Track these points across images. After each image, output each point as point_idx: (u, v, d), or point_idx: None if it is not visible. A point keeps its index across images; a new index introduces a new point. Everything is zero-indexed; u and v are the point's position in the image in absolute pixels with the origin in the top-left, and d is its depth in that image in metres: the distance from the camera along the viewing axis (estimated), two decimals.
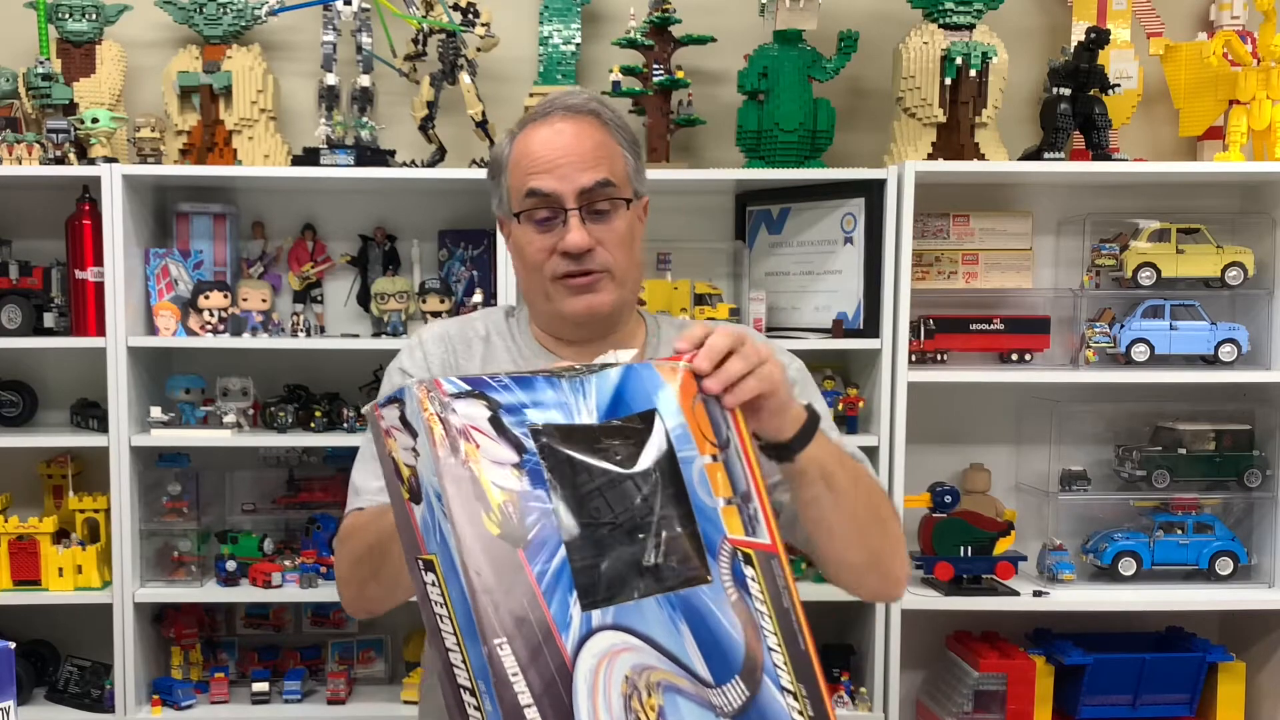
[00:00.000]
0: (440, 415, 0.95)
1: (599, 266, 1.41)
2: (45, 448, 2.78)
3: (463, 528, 0.91)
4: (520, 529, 0.93)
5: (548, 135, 1.41)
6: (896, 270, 2.58)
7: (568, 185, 1.39)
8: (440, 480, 0.92)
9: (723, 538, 1.02)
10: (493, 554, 0.91)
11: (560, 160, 1.40)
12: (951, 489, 2.74)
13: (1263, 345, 2.75)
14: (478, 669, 0.91)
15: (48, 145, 2.60)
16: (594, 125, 1.43)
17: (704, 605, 1.00)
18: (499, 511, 0.92)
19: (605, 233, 1.41)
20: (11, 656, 1.43)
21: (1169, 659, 2.73)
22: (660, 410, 1.05)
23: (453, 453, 0.93)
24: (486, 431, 0.96)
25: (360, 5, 2.63)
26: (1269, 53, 2.65)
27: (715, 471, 1.04)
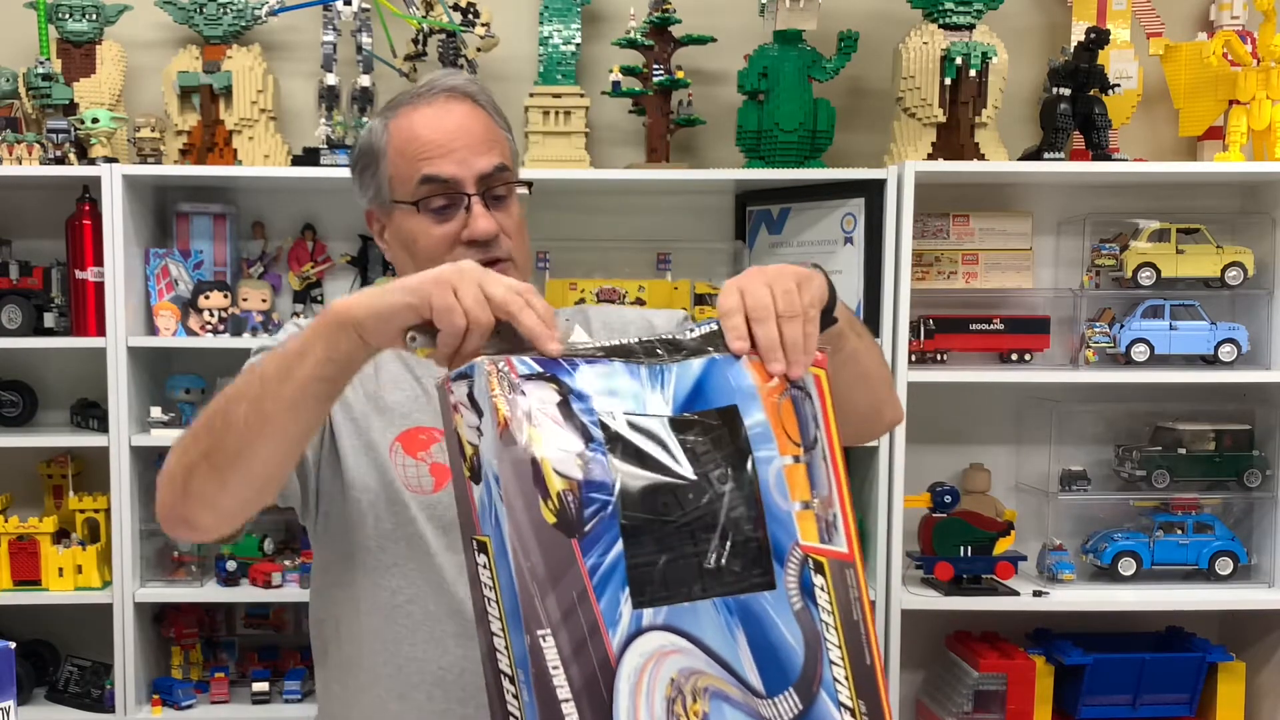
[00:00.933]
0: (507, 396, 0.92)
1: (504, 254, 1.33)
2: (45, 448, 2.78)
3: (518, 513, 0.89)
4: (577, 519, 0.90)
5: (434, 117, 1.33)
6: (896, 270, 2.58)
7: (466, 170, 1.31)
8: (498, 463, 0.90)
9: (794, 543, 0.98)
10: (545, 543, 0.89)
11: (454, 144, 1.31)
12: (951, 489, 2.74)
13: (1262, 345, 2.75)
14: (519, 658, 0.89)
15: (48, 145, 2.60)
16: (477, 108, 1.36)
17: (764, 612, 0.96)
18: (557, 499, 0.90)
19: (505, 219, 1.34)
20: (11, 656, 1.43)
21: (1169, 659, 2.73)
22: (741, 407, 0.99)
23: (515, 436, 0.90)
24: (554, 416, 0.93)
25: (360, 5, 2.63)
26: (1269, 53, 2.65)
27: (795, 473, 1.00)
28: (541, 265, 2.72)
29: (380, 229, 1.42)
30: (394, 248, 1.40)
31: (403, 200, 1.33)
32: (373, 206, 1.41)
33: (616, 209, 2.84)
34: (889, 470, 2.61)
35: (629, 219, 2.84)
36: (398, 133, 1.34)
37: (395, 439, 1.37)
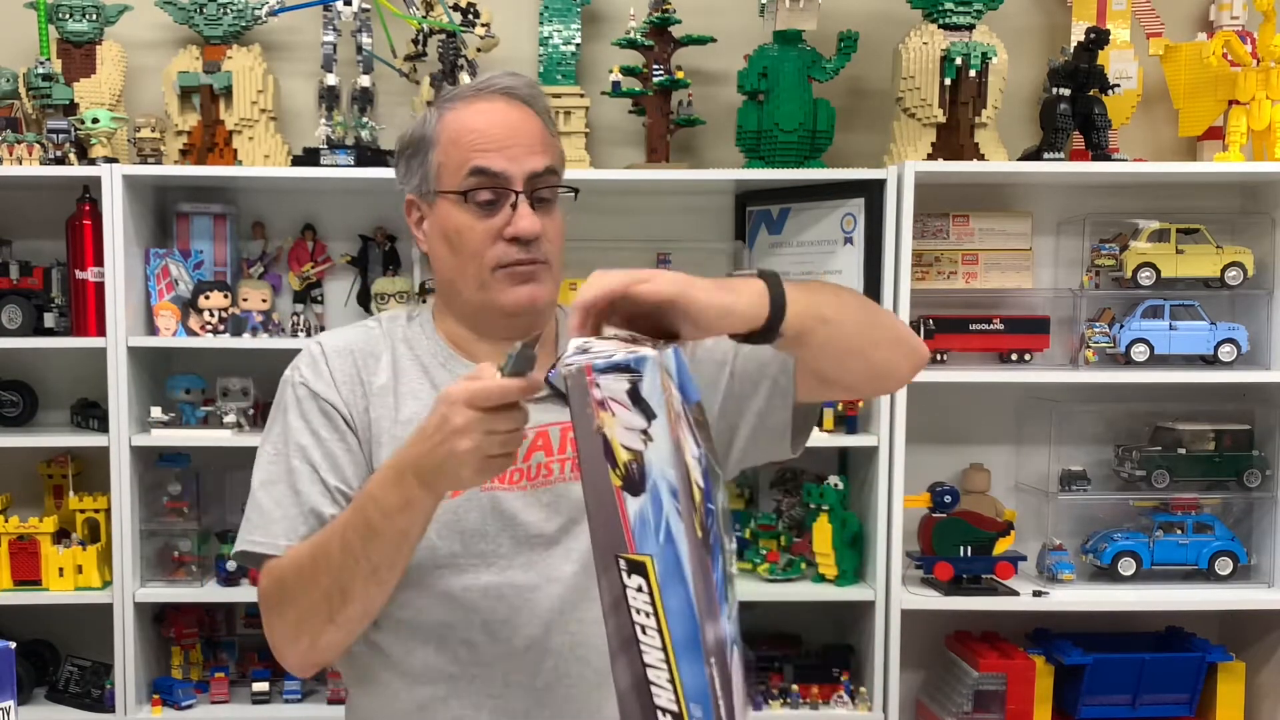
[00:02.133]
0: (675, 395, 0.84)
1: (543, 256, 1.34)
2: (45, 448, 2.78)
3: (686, 528, 0.82)
4: (708, 531, 0.85)
5: (491, 111, 1.32)
6: (896, 270, 2.58)
7: (517, 167, 1.30)
8: (676, 474, 0.82)
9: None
10: (699, 560, 0.83)
11: (509, 140, 1.31)
12: (951, 489, 2.75)
13: (1262, 345, 2.75)
14: (694, 690, 0.82)
15: (48, 145, 2.60)
16: (533, 113, 1.36)
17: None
18: (700, 510, 0.84)
19: (547, 223, 1.34)
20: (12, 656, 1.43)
21: (1169, 659, 2.73)
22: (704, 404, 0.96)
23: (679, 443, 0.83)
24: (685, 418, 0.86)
25: (360, 5, 2.63)
26: (1269, 53, 2.65)
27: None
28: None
29: (419, 219, 1.40)
30: (433, 239, 1.38)
31: (449, 190, 1.32)
32: (414, 195, 1.40)
33: (616, 209, 2.84)
34: (889, 470, 2.61)
35: (629, 219, 2.84)
36: (452, 122, 1.33)
37: None
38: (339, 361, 1.38)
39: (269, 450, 1.37)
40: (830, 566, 2.68)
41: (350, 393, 1.36)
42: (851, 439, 2.69)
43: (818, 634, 2.89)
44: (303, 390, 1.37)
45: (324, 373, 1.37)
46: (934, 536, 2.70)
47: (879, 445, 2.62)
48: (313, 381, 1.36)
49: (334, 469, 1.33)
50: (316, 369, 1.37)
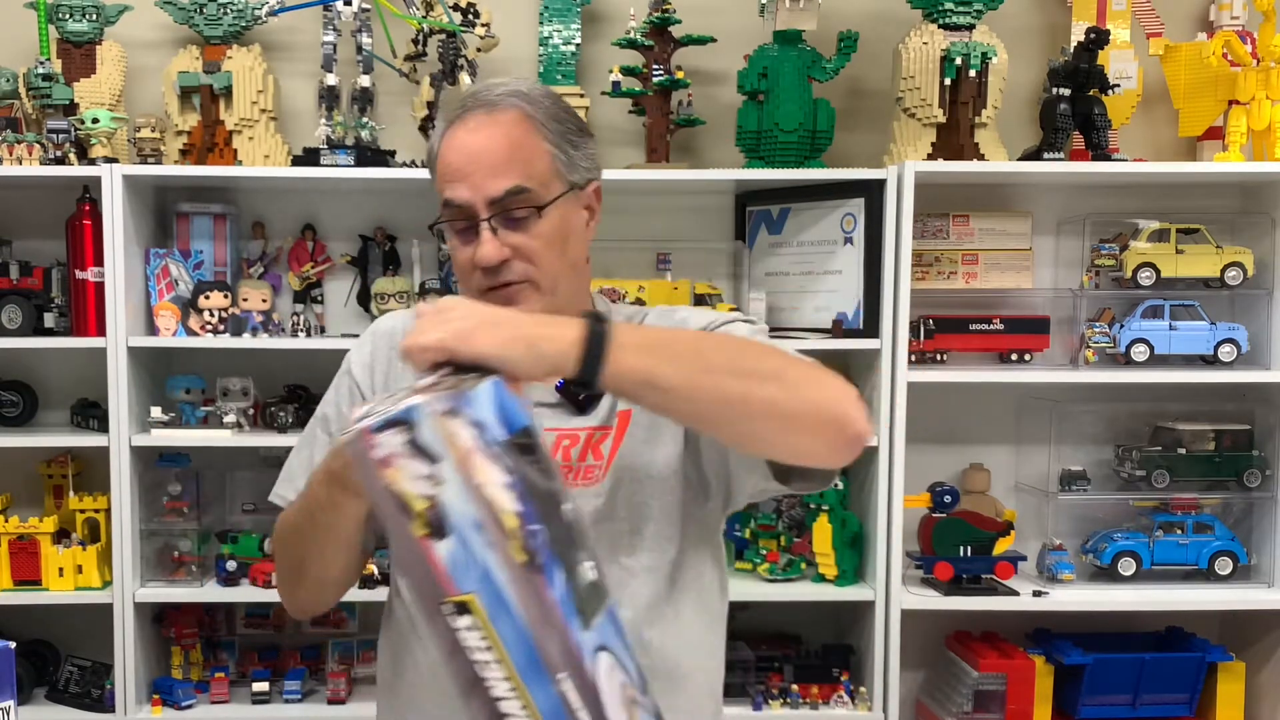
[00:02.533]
0: (457, 438, 0.86)
1: (517, 278, 1.30)
2: (45, 448, 2.78)
3: (501, 558, 0.84)
4: (533, 553, 0.85)
5: (462, 138, 1.31)
6: (896, 270, 2.59)
7: (478, 195, 1.28)
8: (477, 507, 0.84)
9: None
10: (525, 583, 0.84)
11: (470, 167, 1.29)
12: (951, 489, 2.75)
13: (1262, 345, 2.75)
14: (549, 711, 0.83)
15: (48, 145, 2.60)
16: (513, 120, 1.30)
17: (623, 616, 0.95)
18: (516, 536, 0.85)
19: (523, 241, 1.29)
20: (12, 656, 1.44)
21: (1169, 659, 2.73)
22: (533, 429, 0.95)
23: (474, 477, 0.84)
24: (483, 452, 0.87)
25: (360, 5, 2.63)
26: (1269, 53, 2.65)
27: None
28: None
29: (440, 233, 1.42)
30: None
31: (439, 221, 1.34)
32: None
33: (616, 209, 2.81)
34: (889, 470, 2.61)
35: (629, 219, 2.84)
36: (440, 150, 1.34)
37: None
38: (381, 341, 1.45)
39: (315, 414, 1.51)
40: (830, 566, 2.68)
41: (382, 373, 1.44)
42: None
43: (818, 634, 2.89)
44: (345, 364, 1.47)
45: (364, 352, 1.46)
46: (934, 536, 2.70)
47: (879, 445, 2.62)
48: (353, 357, 1.47)
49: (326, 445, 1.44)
50: (360, 347, 1.47)
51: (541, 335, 1.04)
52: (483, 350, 1.00)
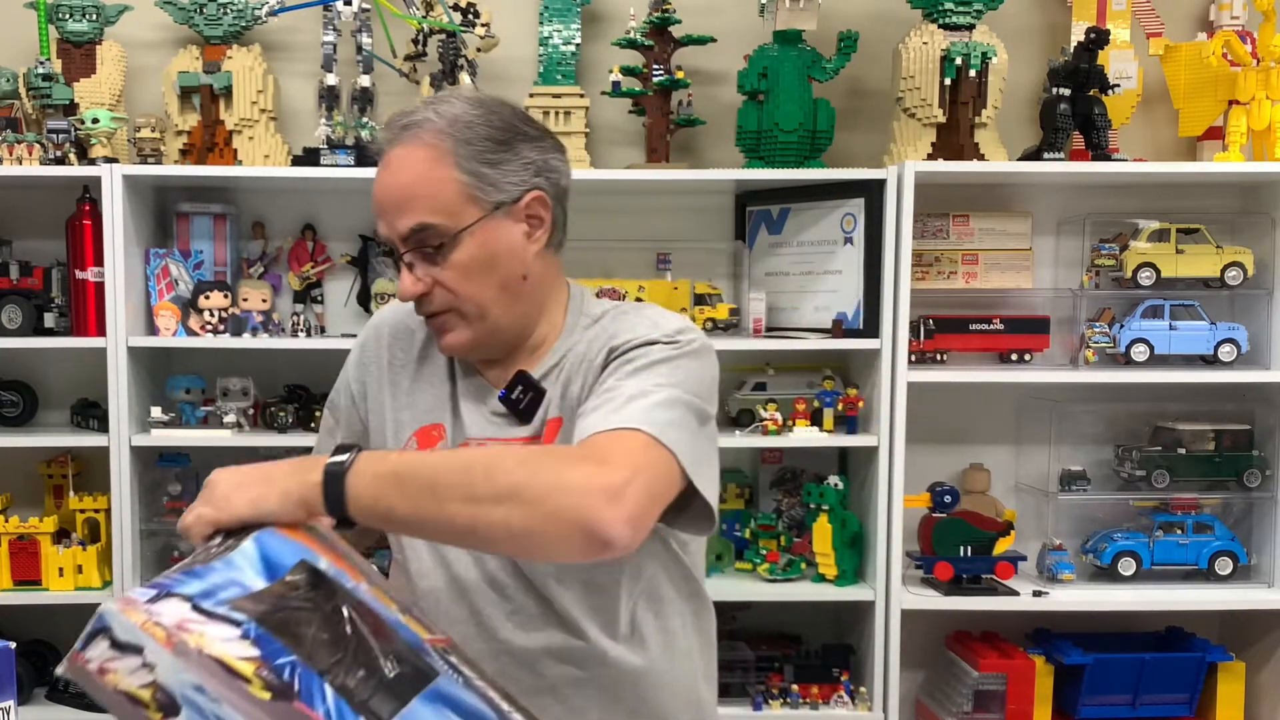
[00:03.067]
0: (154, 621, 0.95)
1: (439, 308, 1.33)
2: (46, 448, 2.78)
3: (239, 704, 0.92)
4: (284, 684, 0.94)
5: (379, 175, 1.34)
6: (896, 270, 2.59)
7: (393, 232, 1.31)
8: (191, 673, 0.92)
9: (421, 639, 1.04)
10: (281, 713, 0.92)
11: (384, 204, 1.32)
12: (951, 489, 2.75)
13: (1262, 345, 2.75)
14: None
15: (48, 145, 2.60)
16: (419, 155, 1.29)
17: (451, 692, 1.01)
18: (257, 677, 0.93)
19: (439, 272, 1.31)
20: (12, 656, 1.44)
21: (1169, 659, 2.73)
22: (307, 558, 1.07)
23: (186, 646, 0.93)
24: (197, 620, 0.96)
25: (360, 5, 2.63)
26: (1268, 53, 2.65)
27: (377, 592, 1.06)
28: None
29: None
30: None
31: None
32: None
33: (616, 209, 2.84)
34: (889, 470, 2.61)
35: (629, 219, 2.84)
36: None
37: (414, 433, 1.43)
38: (370, 335, 1.51)
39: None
40: (830, 566, 2.68)
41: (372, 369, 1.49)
42: (851, 439, 2.69)
43: (818, 634, 2.89)
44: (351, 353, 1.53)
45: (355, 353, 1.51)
46: (934, 536, 2.70)
47: (879, 445, 2.62)
48: (351, 355, 1.52)
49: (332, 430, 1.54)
50: (356, 346, 1.52)
51: (289, 484, 1.12)
52: (240, 513, 1.11)
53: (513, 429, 1.38)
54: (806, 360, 2.78)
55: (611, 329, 1.38)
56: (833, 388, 2.72)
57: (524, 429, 1.37)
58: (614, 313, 1.42)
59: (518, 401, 1.37)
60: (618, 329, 1.37)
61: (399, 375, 1.46)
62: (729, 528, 2.80)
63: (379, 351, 1.48)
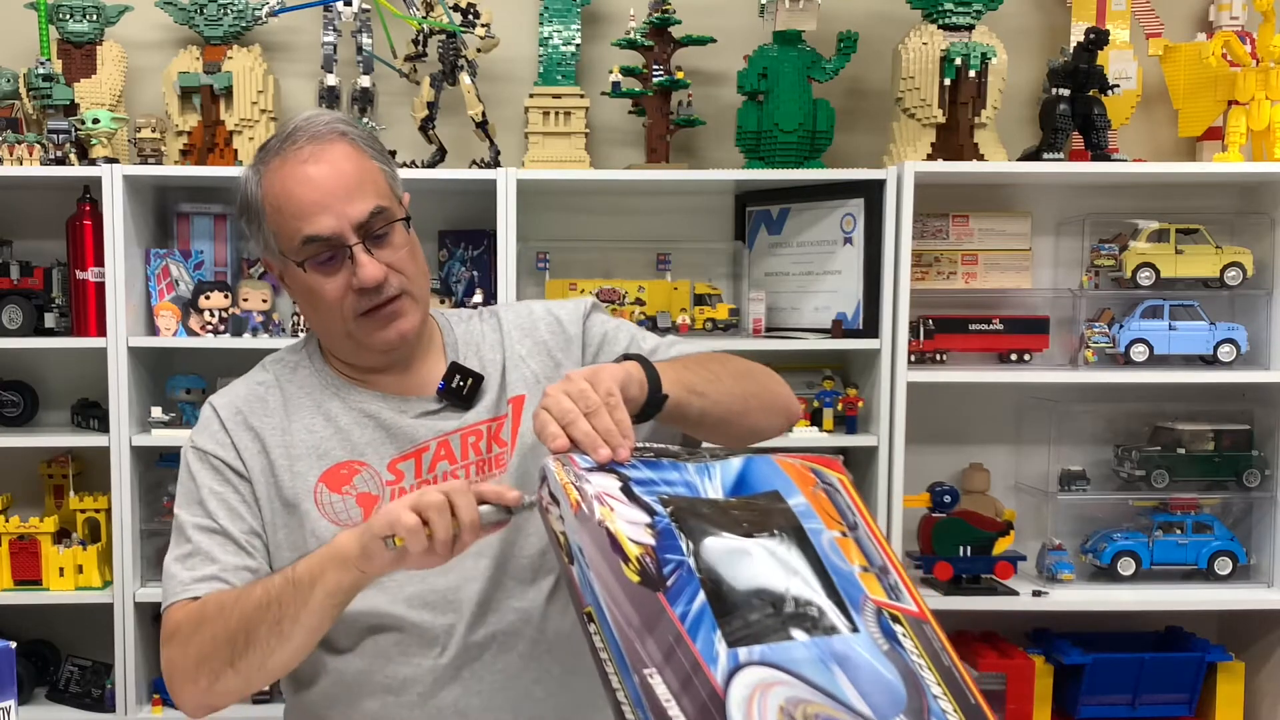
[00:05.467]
0: (575, 484, 1.06)
1: (397, 291, 1.35)
2: (46, 447, 2.78)
3: (605, 577, 1.00)
4: (658, 576, 0.99)
5: (303, 174, 1.32)
6: (896, 270, 2.59)
7: (344, 222, 1.31)
8: (579, 538, 1.03)
9: (863, 596, 1.05)
10: (635, 599, 0.98)
11: (326, 199, 1.31)
12: (951, 489, 2.75)
13: (1262, 345, 2.75)
14: (635, 698, 0.95)
15: (48, 146, 2.60)
16: (344, 148, 1.35)
17: (854, 652, 1.00)
18: (637, 562, 1.00)
19: (391, 255, 1.35)
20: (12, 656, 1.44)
21: (1168, 659, 2.73)
22: (782, 491, 1.11)
23: (590, 513, 1.03)
24: (618, 497, 1.05)
25: (360, 6, 2.63)
26: (1268, 53, 2.66)
27: (846, 544, 1.08)
28: (541, 266, 2.73)
29: (279, 274, 1.42)
30: (294, 293, 1.43)
31: (292, 259, 1.34)
32: (266, 256, 1.42)
33: (616, 209, 2.85)
34: (888, 470, 2.61)
35: (629, 219, 2.85)
36: (270, 189, 1.34)
37: (318, 480, 1.39)
38: (228, 413, 1.42)
39: (176, 519, 1.42)
40: None
41: (241, 442, 1.40)
42: (851, 439, 2.70)
43: None
44: (194, 453, 1.41)
45: (221, 439, 1.40)
46: (934, 536, 2.70)
47: (879, 445, 2.62)
48: (209, 446, 1.41)
49: (230, 516, 1.38)
50: (213, 435, 1.41)
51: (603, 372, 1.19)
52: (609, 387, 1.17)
53: (464, 415, 1.40)
54: (806, 360, 2.78)
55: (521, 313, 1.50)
56: (832, 388, 2.72)
57: (472, 413, 1.40)
58: (485, 310, 1.53)
59: (459, 389, 1.40)
60: (529, 309, 1.51)
61: (270, 442, 1.40)
62: None
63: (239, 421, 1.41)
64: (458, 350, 1.46)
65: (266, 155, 1.36)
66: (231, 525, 1.37)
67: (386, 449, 1.39)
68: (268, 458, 1.40)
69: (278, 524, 1.39)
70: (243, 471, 1.39)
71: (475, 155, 2.73)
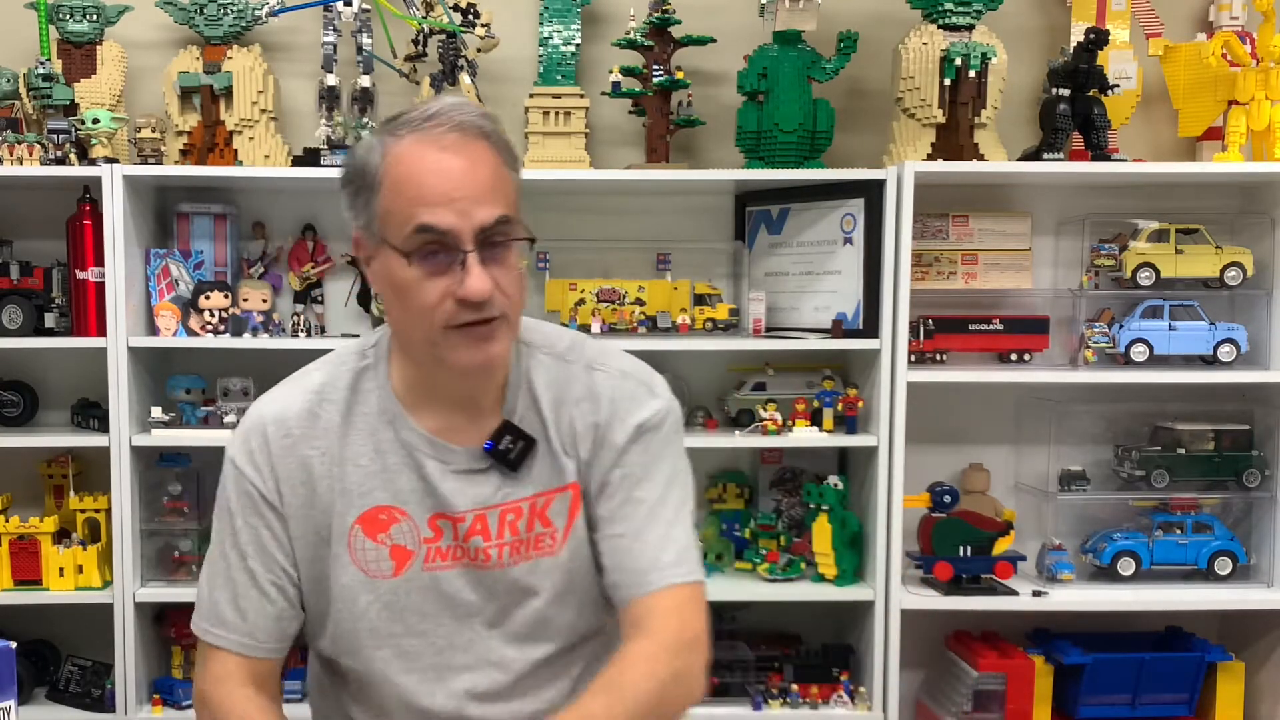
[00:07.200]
0: None
1: (498, 312, 1.23)
2: (46, 447, 2.78)
3: None
4: None
5: (438, 160, 1.21)
6: (896, 270, 2.59)
7: (466, 223, 1.19)
8: None
9: None
10: None
11: (457, 192, 1.20)
12: (951, 489, 2.75)
13: (1261, 345, 2.75)
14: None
15: (48, 146, 2.60)
16: (486, 148, 1.24)
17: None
18: None
19: (502, 274, 1.23)
20: (12, 656, 1.44)
21: (1168, 659, 2.73)
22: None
23: None
24: None
25: (360, 6, 2.63)
26: (1268, 53, 2.66)
27: None
28: (541, 266, 2.73)
29: (367, 257, 1.31)
30: (380, 282, 1.29)
31: (394, 245, 1.23)
32: (360, 232, 1.31)
33: (616, 209, 2.85)
34: (888, 470, 2.61)
35: (629, 219, 2.85)
36: (396, 165, 1.23)
37: (355, 521, 1.33)
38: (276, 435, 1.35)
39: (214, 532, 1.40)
40: (830, 566, 2.68)
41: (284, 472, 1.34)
42: (851, 439, 2.70)
43: (817, 634, 2.89)
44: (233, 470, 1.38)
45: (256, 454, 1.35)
46: (934, 536, 2.70)
47: (879, 445, 2.62)
48: (243, 462, 1.36)
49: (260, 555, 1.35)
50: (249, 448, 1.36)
51: None
52: None
53: (501, 483, 1.32)
54: (806, 360, 2.78)
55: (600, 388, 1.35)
56: (832, 388, 2.72)
57: (517, 484, 1.32)
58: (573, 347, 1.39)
59: (507, 452, 1.30)
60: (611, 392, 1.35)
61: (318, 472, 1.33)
62: (729, 528, 2.81)
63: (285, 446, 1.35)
64: (519, 390, 1.35)
65: (398, 127, 1.24)
66: (259, 565, 1.33)
67: (427, 502, 1.32)
68: (312, 489, 1.33)
69: (309, 557, 1.35)
70: (278, 506, 1.33)
71: None
